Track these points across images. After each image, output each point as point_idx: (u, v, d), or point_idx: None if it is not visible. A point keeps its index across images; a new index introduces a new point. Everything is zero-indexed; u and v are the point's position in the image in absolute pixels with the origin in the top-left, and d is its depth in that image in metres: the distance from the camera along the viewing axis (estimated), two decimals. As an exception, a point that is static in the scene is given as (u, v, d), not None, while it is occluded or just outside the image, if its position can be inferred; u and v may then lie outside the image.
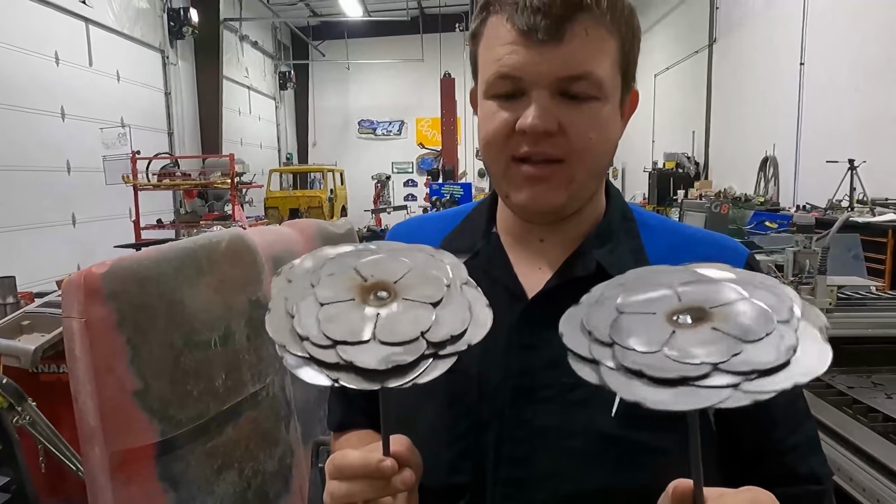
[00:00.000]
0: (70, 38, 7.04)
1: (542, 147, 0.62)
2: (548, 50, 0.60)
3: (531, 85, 0.61)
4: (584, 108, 0.62)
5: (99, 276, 1.02)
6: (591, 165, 0.65)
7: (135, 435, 1.04)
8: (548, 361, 0.64)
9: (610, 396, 0.62)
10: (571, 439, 0.63)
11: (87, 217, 7.11)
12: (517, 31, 0.60)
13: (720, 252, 0.70)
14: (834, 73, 6.19)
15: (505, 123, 0.63)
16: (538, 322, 0.66)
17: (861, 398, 1.45)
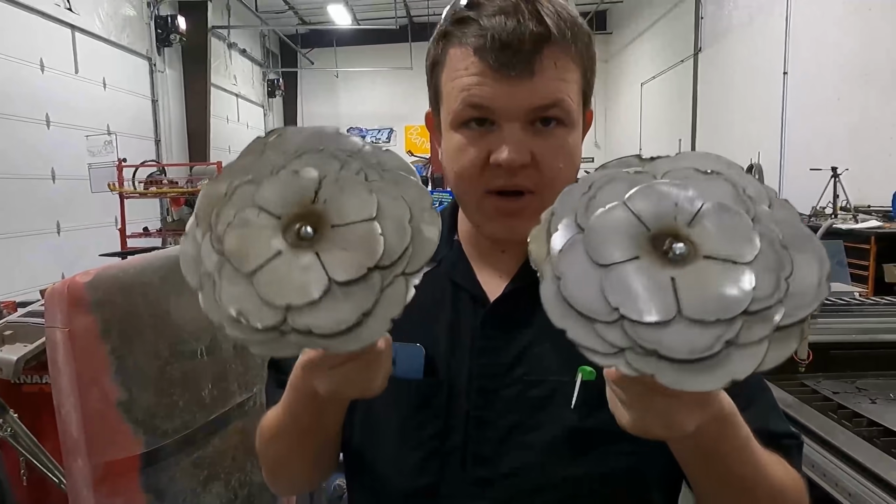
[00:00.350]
0: (56, 45, 6.99)
1: (516, 179, 0.64)
2: (519, 83, 0.60)
3: (502, 117, 0.62)
4: (553, 136, 0.64)
5: (83, 286, 1.00)
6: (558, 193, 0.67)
7: (119, 446, 1.03)
8: (510, 361, 0.67)
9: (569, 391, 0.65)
10: (534, 435, 0.66)
11: (73, 225, 7.03)
12: (486, 64, 0.61)
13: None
14: (817, 83, 6.30)
15: (478, 157, 0.64)
16: (500, 324, 0.68)
17: (846, 403, 1.46)
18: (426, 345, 0.69)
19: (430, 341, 0.69)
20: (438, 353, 0.69)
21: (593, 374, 0.65)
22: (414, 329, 0.68)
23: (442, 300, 0.71)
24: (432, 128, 0.75)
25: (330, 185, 0.44)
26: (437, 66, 0.68)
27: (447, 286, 0.71)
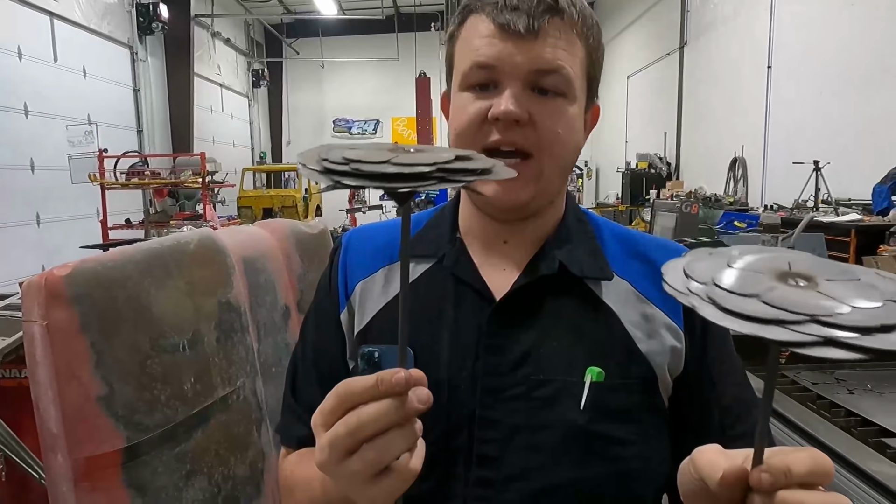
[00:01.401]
0: (34, 32, 6.84)
1: (513, 136, 0.64)
2: (524, 43, 0.63)
3: (505, 75, 0.64)
4: (553, 103, 0.65)
5: (61, 279, 0.99)
6: (558, 161, 0.67)
7: (99, 441, 1.02)
8: (516, 360, 0.66)
9: (576, 391, 0.64)
10: (540, 435, 0.64)
11: (52, 217, 6.91)
12: (496, 25, 0.64)
13: (668, 254, 0.73)
14: (799, 78, 6.36)
15: (478, 112, 0.65)
16: (507, 321, 0.67)
17: (824, 394, 1.49)
18: (426, 344, 0.67)
19: (431, 340, 0.68)
20: (439, 352, 0.67)
21: (602, 374, 0.64)
22: (415, 328, 0.68)
23: (444, 298, 0.70)
24: (446, 107, 0.74)
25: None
26: (454, 38, 0.70)
27: (450, 283, 0.70)
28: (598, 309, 0.68)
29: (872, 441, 1.24)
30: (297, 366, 0.80)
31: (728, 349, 0.73)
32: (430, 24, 13.31)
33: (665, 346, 0.68)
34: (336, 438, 0.42)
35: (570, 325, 0.68)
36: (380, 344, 0.69)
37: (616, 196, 10.51)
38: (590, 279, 0.69)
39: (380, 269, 0.74)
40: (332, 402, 0.44)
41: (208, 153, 7.06)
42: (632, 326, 0.68)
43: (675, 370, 0.69)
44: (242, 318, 1.40)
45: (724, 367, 0.71)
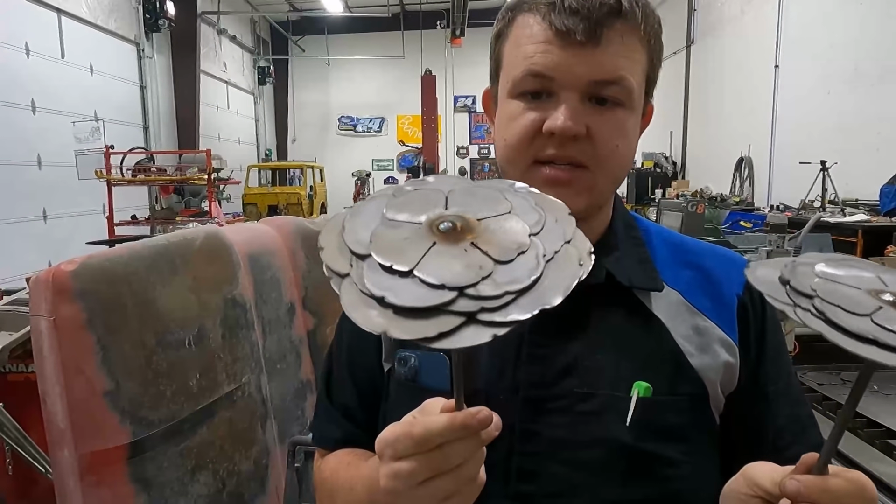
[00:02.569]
0: (41, 29, 6.87)
1: (569, 151, 0.61)
2: (583, 52, 0.59)
3: (562, 86, 0.60)
4: (612, 114, 0.61)
5: (68, 274, 0.99)
6: (613, 174, 0.64)
7: (105, 436, 1.02)
8: (559, 371, 0.63)
9: (622, 406, 0.61)
10: (583, 451, 0.62)
11: (59, 213, 6.95)
12: (553, 30, 0.59)
13: (722, 262, 0.70)
14: (807, 78, 6.33)
15: (531, 124, 0.61)
16: (551, 331, 0.64)
17: (830, 395, 1.48)
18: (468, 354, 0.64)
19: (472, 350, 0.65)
20: (477, 361, 0.64)
21: (650, 390, 0.61)
22: None
23: None
24: (488, 105, 0.71)
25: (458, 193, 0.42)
26: (501, 37, 0.65)
27: None
28: (647, 321, 0.65)
29: (879, 442, 1.23)
30: (331, 367, 0.78)
31: (784, 366, 0.70)
32: (435, 21, 13.29)
33: (718, 362, 0.65)
34: (418, 471, 0.44)
35: (616, 336, 0.64)
36: (418, 348, 0.66)
37: (622, 195, 10.48)
38: (638, 289, 0.66)
39: None
40: (407, 442, 0.44)
41: (214, 150, 7.08)
42: (683, 340, 0.64)
43: (729, 387, 0.66)
44: (248, 315, 1.41)
45: (779, 385, 0.68)
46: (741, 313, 0.67)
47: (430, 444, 0.43)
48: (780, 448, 0.65)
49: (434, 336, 0.34)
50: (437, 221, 0.38)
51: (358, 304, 0.35)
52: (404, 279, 0.35)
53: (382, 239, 0.37)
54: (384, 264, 0.36)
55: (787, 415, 0.67)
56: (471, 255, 0.36)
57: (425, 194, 0.41)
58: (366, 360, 0.73)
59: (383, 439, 0.46)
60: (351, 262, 0.36)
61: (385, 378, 0.72)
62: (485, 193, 0.42)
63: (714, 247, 0.74)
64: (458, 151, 13.33)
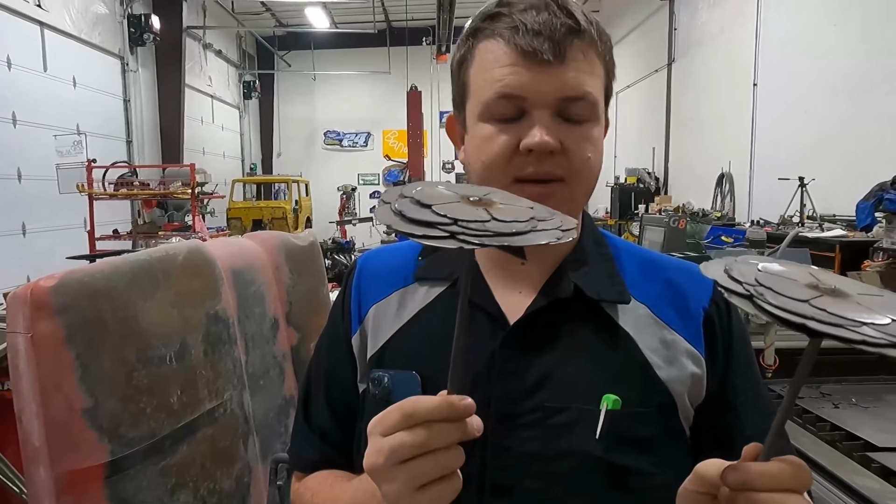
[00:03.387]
0: (24, 42, 6.82)
1: (546, 166, 0.63)
2: (550, 70, 0.61)
3: (533, 105, 0.62)
4: (581, 128, 0.64)
5: (47, 290, 0.98)
6: (587, 185, 0.67)
7: (83, 455, 1.00)
8: (531, 386, 0.64)
9: (593, 420, 0.62)
10: (555, 464, 0.62)
11: (39, 227, 6.85)
12: (519, 51, 0.61)
13: (688, 276, 0.72)
14: (785, 95, 6.47)
15: (508, 144, 0.63)
16: (521, 346, 0.65)
17: (810, 408, 1.50)
18: (438, 369, 0.65)
19: (442, 366, 0.66)
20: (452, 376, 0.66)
21: (619, 402, 0.62)
22: (428, 353, 0.67)
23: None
24: (454, 130, 0.73)
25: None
26: (465, 63, 0.67)
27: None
28: (615, 334, 0.66)
29: (857, 455, 1.25)
30: (309, 388, 0.78)
31: (753, 378, 0.71)
32: (421, 38, 13.42)
33: (685, 373, 0.66)
34: (399, 446, 0.45)
35: (586, 350, 0.66)
36: (392, 368, 0.68)
37: (605, 210, 10.58)
38: (606, 302, 0.67)
39: (394, 293, 0.73)
40: (395, 415, 0.46)
41: (198, 164, 7.05)
42: (650, 352, 0.66)
43: (697, 398, 0.67)
44: (230, 330, 1.39)
45: (748, 396, 0.69)
46: (708, 326, 0.68)
47: (416, 419, 0.45)
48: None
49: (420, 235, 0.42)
50: (470, 195, 0.48)
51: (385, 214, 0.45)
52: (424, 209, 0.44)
53: (426, 191, 0.47)
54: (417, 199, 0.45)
55: (755, 426, 0.68)
56: (479, 211, 0.45)
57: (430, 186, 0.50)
58: (342, 381, 0.74)
59: (374, 420, 0.48)
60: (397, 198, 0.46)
61: (361, 399, 0.72)
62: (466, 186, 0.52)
63: (680, 261, 0.76)
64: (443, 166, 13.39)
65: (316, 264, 1.89)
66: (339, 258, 6.71)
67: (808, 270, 0.45)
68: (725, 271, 0.42)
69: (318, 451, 0.73)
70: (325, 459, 0.73)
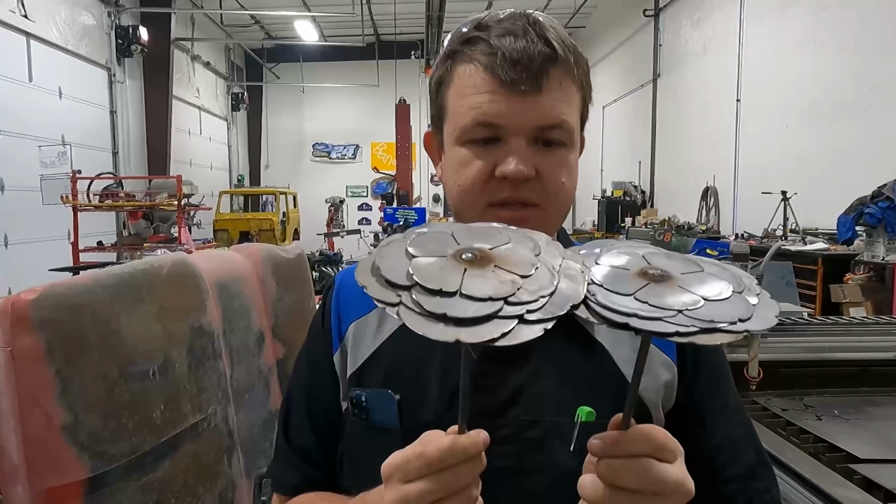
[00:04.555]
0: (9, 52, 6.76)
1: (521, 192, 0.64)
2: (528, 100, 0.62)
3: (510, 132, 0.63)
4: (556, 154, 0.65)
5: (27, 303, 0.96)
6: (562, 209, 0.68)
7: (62, 472, 0.98)
8: (505, 400, 0.64)
9: (566, 432, 0.62)
10: (530, 479, 0.63)
11: (21, 238, 6.75)
12: (497, 80, 0.62)
13: None
14: (767, 111, 6.59)
15: (484, 170, 0.64)
16: (496, 360, 0.65)
17: (794, 420, 1.51)
18: (417, 386, 0.66)
19: (421, 383, 0.66)
20: (430, 394, 0.65)
21: (593, 414, 0.61)
22: (404, 370, 0.67)
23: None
24: (431, 146, 0.74)
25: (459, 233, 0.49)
26: (443, 84, 0.68)
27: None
28: (590, 346, 0.67)
29: (840, 467, 1.26)
30: (290, 409, 0.77)
31: (722, 387, 0.71)
32: (410, 51, 13.51)
33: (659, 382, 0.67)
34: (426, 492, 0.46)
35: (560, 363, 0.66)
36: (370, 387, 0.68)
37: (592, 223, 10.66)
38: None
39: (373, 311, 0.72)
40: (418, 463, 0.47)
41: (185, 176, 7.01)
42: (624, 364, 0.66)
43: (668, 405, 0.68)
44: (215, 344, 1.38)
45: (716, 404, 0.69)
46: None
47: (442, 465, 0.46)
48: (717, 468, 0.68)
49: (498, 336, 0.40)
50: (460, 253, 0.45)
51: (424, 322, 0.41)
52: (453, 298, 0.41)
53: (422, 270, 0.43)
54: (433, 289, 0.42)
55: (723, 434, 0.69)
56: (499, 274, 0.43)
57: (435, 235, 0.48)
58: (324, 400, 0.73)
59: (391, 464, 0.48)
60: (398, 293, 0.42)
61: (343, 418, 0.72)
62: (481, 230, 0.50)
63: None
64: (431, 179, 13.42)
65: (303, 277, 1.88)
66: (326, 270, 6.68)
67: (642, 253, 0.48)
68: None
69: (300, 473, 0.73)
70: (306, 480, 0.72)
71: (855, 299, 4.09)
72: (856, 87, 5.30)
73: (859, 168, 5.15)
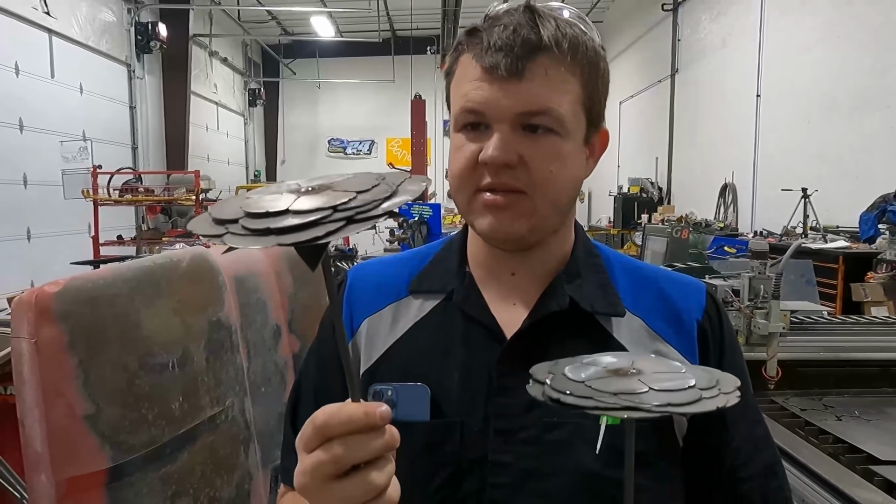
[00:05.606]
0: (32, 49, 6.88)
1: (503, 178, 0.64)
2: (508, 86, 0.62)
3: (493, 119, 0.64)
4: (545, 141, 0.64)
5: (51, 296, 0.98)
6: (552, 198, 0.66)
7: (84, 461, 1.01)
8: (527, 402, 0.63)
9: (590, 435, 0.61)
10: (552, 480, 0.62)
11: (44, 232, 6.88)
12: (482, 68, 0.63)
13: (680, 287, 0.72)
14: (788, 106, 6.48)
15: (471, 155, 0.65)
16: (517, 362, 0.64)
17: (813, 420, 1.49)
18: (436, 384, 0.65)
19: (440, 380, 0.66)
20: (450, 392, 0.65)
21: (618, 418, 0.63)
22: (425, 368, 0.67)
23: (453, 336, 0.68)
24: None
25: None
26: (450, 75, 0.70)
27: (458, 319, 0.69)
28: (610, 347, 0.67)
29: (860, 468, 1.24)
30: (297, 404, 0.77)
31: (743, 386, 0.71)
32: (426, 47, 13.49)
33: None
34: (319, 464, 0.44)
35: None
36: (389, 382, 0.67)
37: (608, 219, 10.58)
38: (601, 315, 0.68)
39: (387, 306, 0.72)
40: (308, 431, 0.45)
41: (203, 171, 7.07)
42: None
43: None
44: (233, 337, 1.40)
45: (736, 406, 0.70)
46: (701, 337, 0.69)
47: (328, 432, 0.44)
48: (736, 467, 0.67)
49: (323, 235, 0.37)
50: (298, 188, 0.42)
51: (245, 239, 0.38)
52: (280, 216, 0.38)
53: (252, 203, 0.40)
54: (259, 212, 0.39)
55: (742, 435, 0.68)
56: (335, 194, 0.40)
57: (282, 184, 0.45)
58: (332, 396, 0.73)
59: (298, 435, 0.47)
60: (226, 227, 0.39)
61: None
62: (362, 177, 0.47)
63: (671, 272, 0.76)
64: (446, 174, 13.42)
65: (318, 271, 1.89)
66: (341, 265, 6.71)
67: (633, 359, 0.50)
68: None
69: None
70: None
71: (877, 298, 4.02)
72: (879, 82, 5.19)
73: (882, 165, 5.05)
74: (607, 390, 0.43)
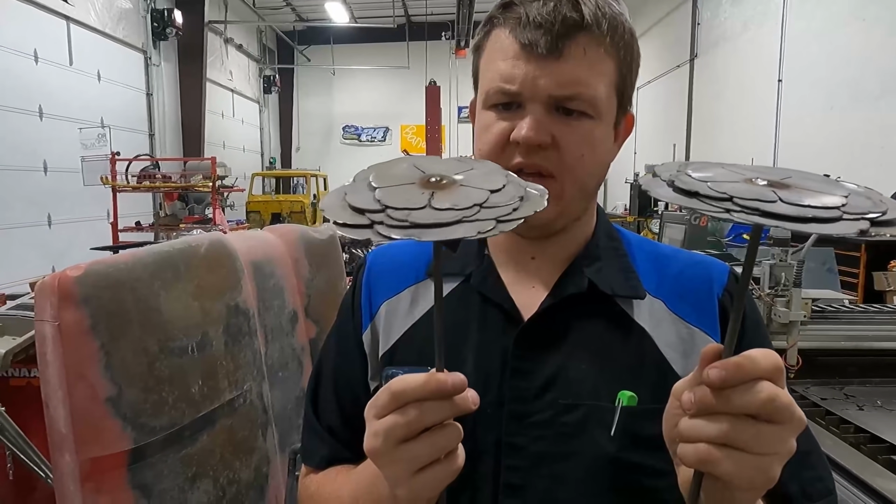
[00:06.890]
0: (50, 36, 6.94)
1: (535, 159, 0.62)
2: (546, 65, 0.61)
3: (528, 98, 0.62)
4: (578, 124, 0.62)
5: (73, 280, 1.00)
6: (581, 183, 0.65)
7: (106, 442, 1.02)
8: (543, 384, 0.63)
9: (606, 417, 0.61)
10: (567, 464, 0.62)
11: (63, 218, 6.98)
12: (519, 44, 0.61)
13: (701, 267, 0.71)
14: (810, 92, 6.35)
15: (501, 134, 0.63)
16: (534, 344, 0.65)
17: (833, 410, 1.47)
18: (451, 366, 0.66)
19: (455, 362, 0.64)
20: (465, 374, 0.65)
21: (634, 398, 0.60)
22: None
23: (470, 318, 0.67)
24: (473, 115, 0.73)
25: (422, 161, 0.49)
26: (479, 50, 0.68)
27: (476, 302, 0.68)
28: (631, 329, 0.65)
29: (882, 458, 1.23)
30: (318, 385, 0.77)
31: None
32: (440, 33, 13.39)
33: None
34: (393, 427, 0.45)
35: (599, 346, 0.65)
36: (405, 365, 0.67)
37: (624, 207, 10.48)
38: (621, 298, 0.66)
39: (406, 289, 0.72)
40: (385, 397, 0.47)
41: (219, 158, 7.12)
42: (667, 347, 0.65)
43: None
44: (251, 322, 1.41)
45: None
46: (722, 315, 0.67)
47: (404, 398, 0.45)
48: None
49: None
50: (426, 179, 0.44)
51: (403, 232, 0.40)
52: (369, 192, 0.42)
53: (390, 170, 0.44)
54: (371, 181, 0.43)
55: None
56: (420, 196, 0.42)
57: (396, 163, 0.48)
58: (351, 378, 0.73)
59: (369, 403, 0.48)
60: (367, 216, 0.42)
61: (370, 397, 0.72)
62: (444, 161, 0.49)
63: (691, 253, 0.75)
64: (461, 161, 13.40)
65: (334, 258, 1.90)
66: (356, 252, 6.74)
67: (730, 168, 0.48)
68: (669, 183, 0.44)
69: (327, 447, 0.73)
70: (333, 456, 0.73)
71: (899, 287, 3.94)
72: (907, 66, 5.06)
73: (908, 151, 4.93)
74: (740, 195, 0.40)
